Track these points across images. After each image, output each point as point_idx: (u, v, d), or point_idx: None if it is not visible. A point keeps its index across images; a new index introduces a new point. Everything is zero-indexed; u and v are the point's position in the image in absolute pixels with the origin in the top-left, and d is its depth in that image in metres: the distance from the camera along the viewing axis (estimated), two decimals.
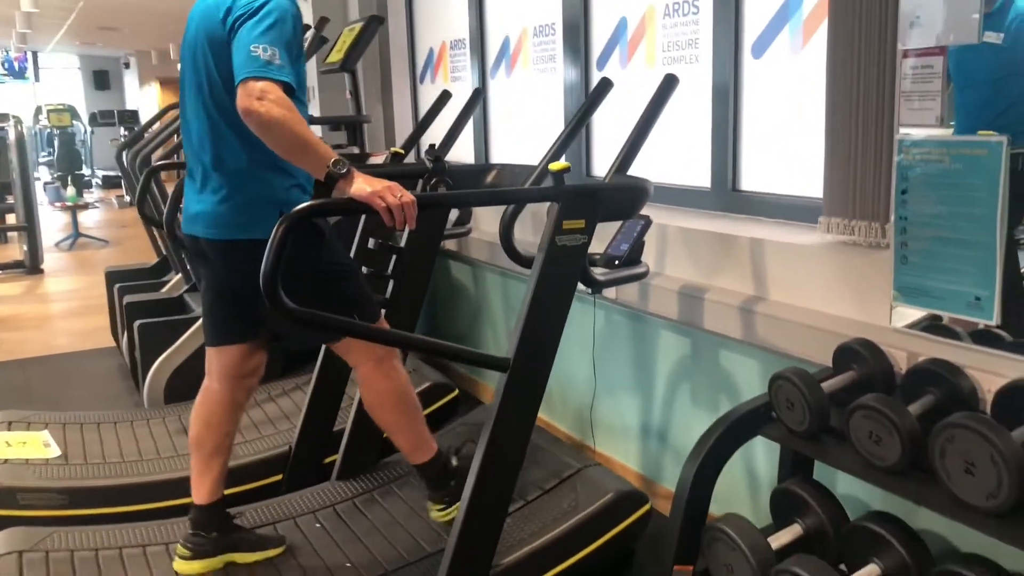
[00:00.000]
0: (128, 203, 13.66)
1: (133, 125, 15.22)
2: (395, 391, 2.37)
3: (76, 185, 10.97)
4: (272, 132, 1.93)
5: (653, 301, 2.89)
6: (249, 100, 1.90)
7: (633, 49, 3.39)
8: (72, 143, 14.08)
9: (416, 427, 2.43)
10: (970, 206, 1.89)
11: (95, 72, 19.69)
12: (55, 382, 4.93)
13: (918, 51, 1.98)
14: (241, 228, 2.16)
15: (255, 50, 1.95)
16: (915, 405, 1.87)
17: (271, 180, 2.17)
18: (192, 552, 2.30)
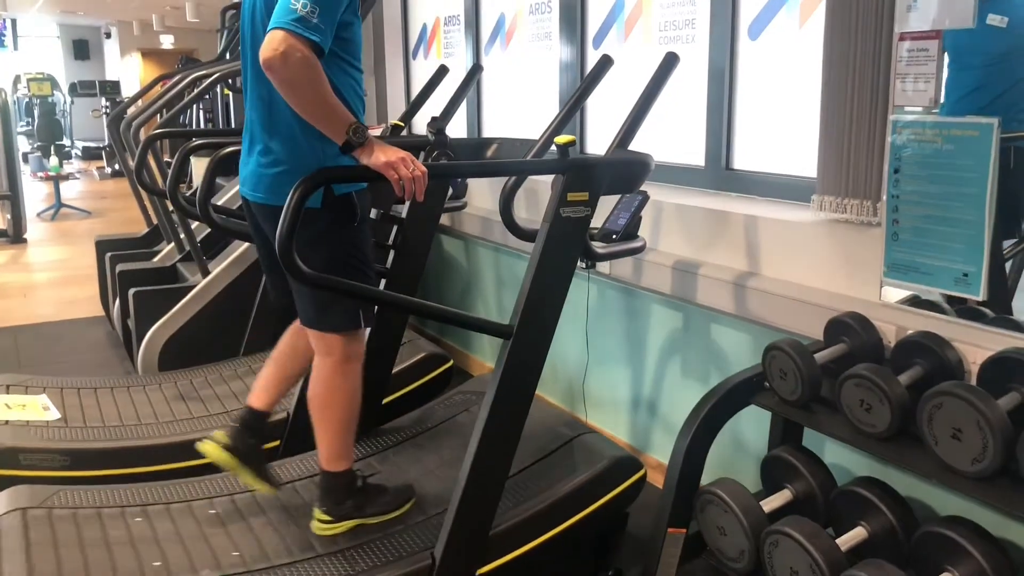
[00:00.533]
0: (109, 174, 13.58)
1: (115, 96, 15.07)
2: (348, 392, 2.34)
3: (58, 155, 10.87)
4: (291, 89, 1.92)
5: (646, 276, 2.96)
6: (272, 52, 1.87)
7: (630, 28, 3.44)
8: (52, 113, 13.95)
9: (347, 435, 2.37)
10: (960, 186, 1.97)
11: (75, 41, 19.42)
12: (45, 349, 4.94)
13: (914, 34, 2.05)
14: (282, 194, 2.17)
15: (294, 3, 1.90)
16: (904, 375, 1.95)
17: (318, 148, 2.15)
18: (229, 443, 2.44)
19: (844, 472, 2.34)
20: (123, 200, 10.67)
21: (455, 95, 3.39)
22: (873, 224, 2.28)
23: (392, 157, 1.93)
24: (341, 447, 2.37)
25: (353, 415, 2.38)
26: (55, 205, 9.89)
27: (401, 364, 3.26)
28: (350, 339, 2.31)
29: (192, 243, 4.12)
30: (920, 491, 2.17)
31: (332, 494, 2.36)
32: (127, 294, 4.06)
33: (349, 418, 2.37)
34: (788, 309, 2.43)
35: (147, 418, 3.14)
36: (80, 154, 16.61)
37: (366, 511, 2.37)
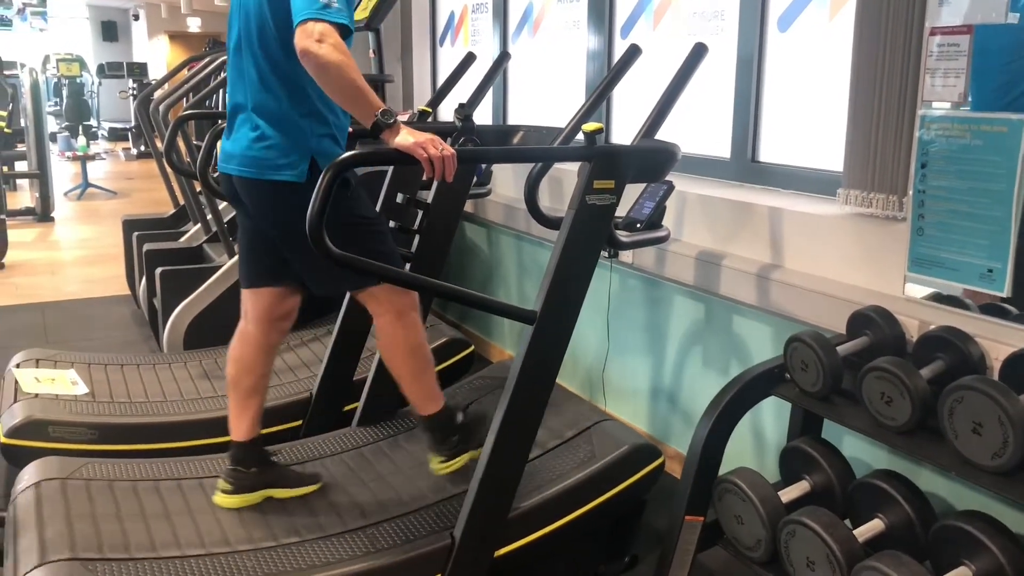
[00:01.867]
0: (135, 155, 13.70)
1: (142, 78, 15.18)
2: (412, 342, 2.42)
3: (85, 135, 10.98)
4: (328, 75, 1.97)
5: (669, 266, 2.97)
6: (308, 41, 1.94)
7: (658, 18, 3.44)
8: (81, 93, 14.07)
9: (427, 379, 2.47)
10: (988, 181, 1.97)
11: (103, 23, 19.57)
12: (71, 326, 5.02)
13: (945, 29, 2.04)
14: (271, 169, 2.23)
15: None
16: (926, 369, 1.95)
17: (306, 127, 2.23)
18: (233, 486, 2.38)
19: (862, 465, 2.35)
20: (148, 181, 10.79)
21: (482, 82, 3.41)
22: (898, 219, 2.28)
23: (420, 138, 1.96)
24: (426, 390, 2.46)
25: (424, 359, 2.45)
26: (82, 185, 10.00)
27: None
28: (393, 290, 2.35)
29: (219, 224, 4.16)
30: (938, 485, 2.18)
31: (437, 434, 2.47)
32: (154, 273, 4.12)
33: (422, 362, 2.45)
34: (810, 302, 2.44)
35: (172, 395, 3.19)
36: (107, 135, 16.76)
37: (474, 442, 2.46)
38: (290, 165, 2.22)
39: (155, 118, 4.67)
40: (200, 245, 4.61)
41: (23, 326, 4.96)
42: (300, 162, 2.23)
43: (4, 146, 8.93)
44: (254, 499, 2.38)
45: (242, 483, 2.39)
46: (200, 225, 4.72)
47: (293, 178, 2.21)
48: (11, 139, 9.60)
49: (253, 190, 2.30)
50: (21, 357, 3.37)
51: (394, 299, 2.37)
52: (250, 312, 2.48)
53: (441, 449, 2.48)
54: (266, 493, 2.41)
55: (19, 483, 2.37)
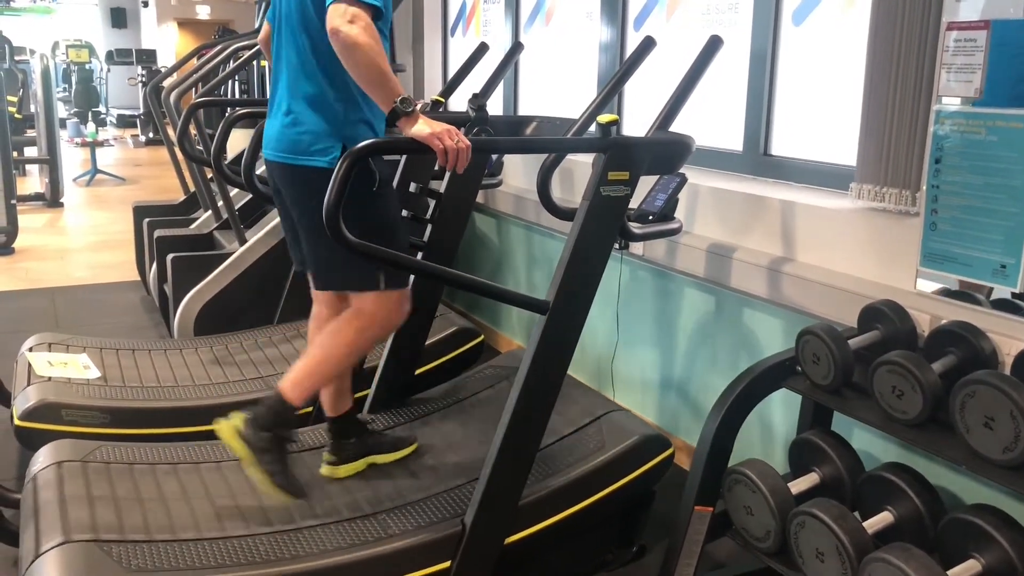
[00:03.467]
0: (143, 142, 13.72)
1: (151, 65, 15.19)
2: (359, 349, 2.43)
3: (95, 122, 11.00)
4: (354, 55, 1.99)
5: (680, 258, 2.98)
6: (339, 20, 1.97)
7: (672, 10, 3.44)
8: (90, 80, 14.09)
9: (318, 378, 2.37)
10: (1003, 177, 1.97)
11: (113, 9, 19.59)
12: (81, 311, 5.04)
13: (962, 24, 2.04)
14: (304, 154, 2.24)
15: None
16: (937, 364, 1.96)
17: (340, 112, 2.24)
18: (338, 457, 2.47)
19: (872, 458, 2.36)
20: (157, 168, 10.81)
21: (495, 73, 3.41)
22: (911, 213, 2.28)
23: (436, 128, 1.97)
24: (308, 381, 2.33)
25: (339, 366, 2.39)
26: (91, 171, 10.02)
27: (434, 336, 3.31)
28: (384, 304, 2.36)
29: (231, 211, 4.18)
30: (947, 479, 2.18)
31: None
32: (165, 259, 4.13)
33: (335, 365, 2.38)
34: (822, 295, 2.45)
35: (184, 380, 3.21)
36: (115, 121, 16.78)
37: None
38: (322, 151, 2.23)
39: (167, 106, 4.69)
40: (211, 232, 4.62)
41: (34, 311, 4.98)
42: (332, 148, 2.23)
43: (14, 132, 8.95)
44: (359, 467, 2.49)
45: (347, 453, 2.48)
46: (211, 212, 4.74)
47: (324, 164, 2.21)
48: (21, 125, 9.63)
49: (287, 174, 2.32)
50: (34, 341, 3.39)
51: (385, 310, 2.37)
52: (317, 294, 2.52)
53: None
54: (369, 460, 2.50)
55: (34, 465, 2.39)
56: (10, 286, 5.57)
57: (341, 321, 2.39)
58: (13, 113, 8.75)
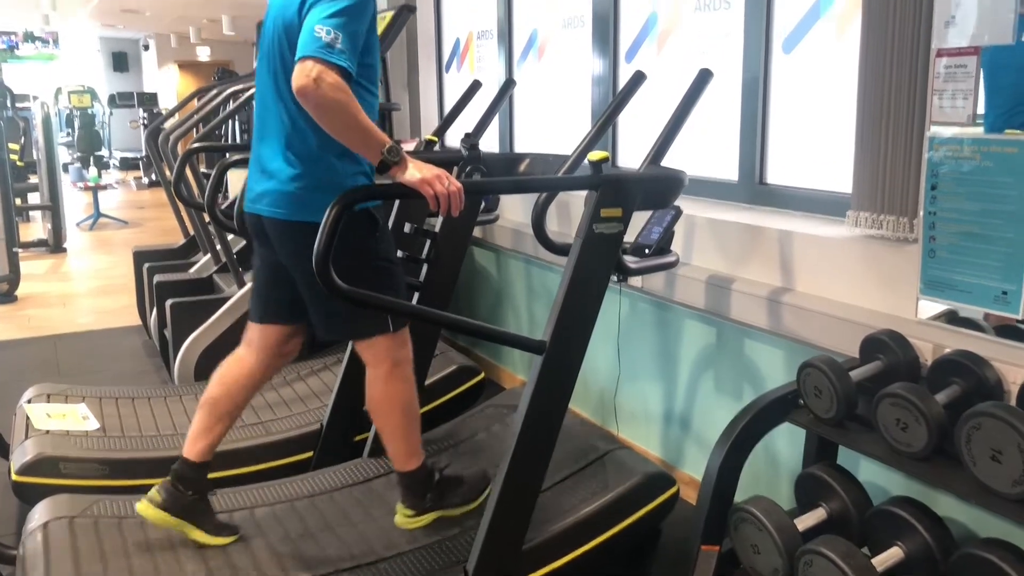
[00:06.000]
0: (146, 184, 13.79)
1: (152, 107, 15.32)
2: (405, 398, 2.40)
3: (97, 166, 11.06)
4: (327, 116, 1.97)
5: (679, 290, 2.96)
6: (305, 80, 1.93)
7: (663, 42, 3.44)
8: (92, 124, 14.21)
9: (412, 435, 2.44)
10: (1000, 203, 1.95)
11: (114, 54, 19.77)
12: (84, 358, 5.02)
13: (952, 50, 2.03)
14: (304, 210, 2.20)
15: (318, 31, 1.97)
16: (941, 395, 1.93)
17: (337, 166, 2.21)
18: (163, 502, 2.33)
19: (879, 490, 2.32)
20: (159, 210, 10.84)
21: (488, 110, 3.41)
22: (909, 240, 2.26)
23: (428, 174, 1.96)
24: (410, 447, 2.43)
25: (414, 414, 2.44)
26: (94, 215, 10.06)
27: (433, 376, 3.28)
28: (394, 342, 2.36)
29: (228, 255, 4.17)
30: (959, 512, 2.14)
31: (412, 490, 2.45)
32: (164, 305, 4.12)
33: (411, 418, 2.43)
34: (823, 325, 2.42)
35: (183, 428, 3.16)
36: (118, 164, 16.89)
37: (446, 503, 2.45)
38: (323, 206, 2.09)
39: (164, 150, 4.70)
40: (210, 276, 4.62)
41: (35, 359, 4.97)
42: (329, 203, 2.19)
43: (17, 178, 9.00)
44: (172, 524, 2.33)
45: (175, 503, 2.34)
46: (210, 255, 4.73)
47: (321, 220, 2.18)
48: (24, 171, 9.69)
49: (284, 230, 2.28)
50: (32, 392, 3.37)
51: (393, 351, 2.36)
52: (254, 342, 2.48)
53: (412, 503, 2.45)
54: (183, 526, 2.34)
55: (30, 522, 2.37)
56: (13, 334, 5.56)
57: (375, 385, 2.39)
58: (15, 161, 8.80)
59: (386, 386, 2.38)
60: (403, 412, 2.40)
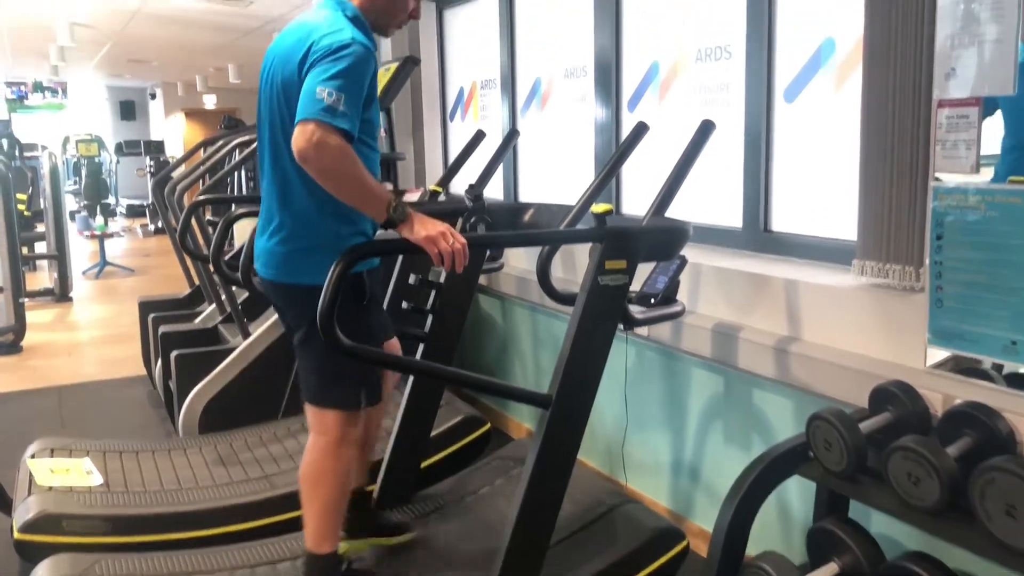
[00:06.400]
0: (152, 231, 13.86)
1: (159, 155, 15.46)
2: (338, 474, 2.34)
3: (103, 214, 11.13)
4: (329, 177, 1.97)
5: (686, 338, 2.94)
6: (306, 144, 1.92)
7: (664, 91, 3.46)
8: (99, 173, 14.31)
9: (333, 517, 2.37)
10: (1006, 253, 1.94)
11: (122, 102, 20.00)
12: (88, 409, 5.01)
13: (954, 101, 2.04)
14: (299, 272, 2.21)
15: (320, 93, 1.95)
16: (953, 447, 1.90)
17: (334, 227, 2.20)
18: None
19: (892, 543, 2.28)
20: (165, 257, 10.88)
21: (492, 160, 3.43)
22: (916, 289, 2.25)
23: (432, 231, 1.96)
24: (327, 528, 2.35)
25: (342, 497, 2.37)
26: (100, 263, 10.09)
27: (439, 427, 3.26)
28: (347, 420, 2.32)
29: (233, 305, 4.17)
30: (974, 565, 2.10)
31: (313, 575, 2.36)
32: (169, 356, 4.12)
33: (337, 499, 2.35)
34: (831, 375, 2.40)
35: (187, 482, 3.16)
36: (124, 212, 17.00)
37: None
38: (316, 269, 2.11)
39: (170, 200, 4.73)
40: (215, 326, 4.61)
41: (40, 411, 4.96)
42: (325, 266, 2.08)
43: (24, 227, 9.06)
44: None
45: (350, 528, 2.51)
46: (215, 305, 4.73)
47: (320, 282, 2.08)
48: (31, 220, 9.75)
49: (282, 292, 2.29)
50: (36, 447, 3.35)
51: (343, 427, 2.32)
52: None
53: None
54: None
55: None
56: (18, 386, 5.55)
57: (312, 453, 2.35)
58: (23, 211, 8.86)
59: (324, 459, 2.32)
60: (332, 489, 2.33)
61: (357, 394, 2.30)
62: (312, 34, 2.11)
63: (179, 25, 9.27)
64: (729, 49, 3.10)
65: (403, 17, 2.35)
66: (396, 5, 2.31)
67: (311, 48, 2.07)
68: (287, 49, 2.17)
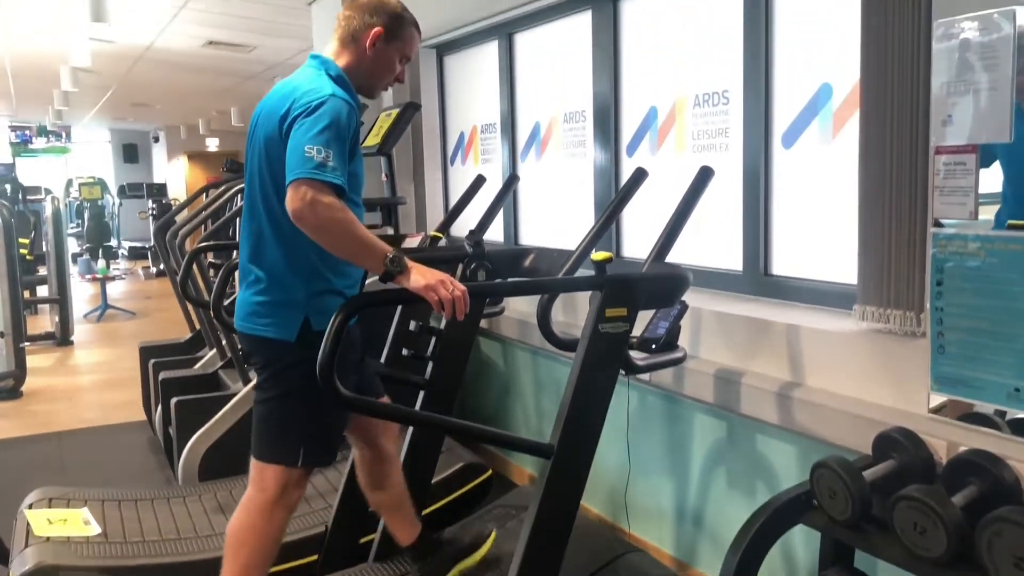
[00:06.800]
0: (154, 274, 13.89)
1: (161, 198, 15.54)
2: (267, 534, 2.31)
3: (105, 257, 11.17)
4: (325, 234, 1.99)
5: (688, 384, 2.93)
6: (301, 203, 1.95)
7: (663, 136, 3.49)
8: (102, 215, 14.37)
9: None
10: (1007, 299, 1.93)
11: (125, 145, 20.18)
12: (88, 456, 4.98)
13: (951, 148, 2.05)
14: (264, 325, 2.23)
15: (309, 151, 1.98)
16: (958, 496, 1.88)
17: (304, 283, 2.22)
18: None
19: None
20: (167, 300, 10.88)
21: (492, 205, 3.45)
22: (917, 334, 2.25)
23: (431, 280, 1.96)
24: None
25: (263, 561, 2.33)
26: (101, 306, 10.10)
27: (439, 475, 3.23)
28: (287, 477, 2.29)
29: (233, 351, 4.17)
30: None
31: None
32: (169, 403, 4.10)
33: (259, 563, 2.31)
34: (834, 421, 2.38)
35: (187, 532, 3.13)
36: (126, 254, 17.06)
37: None
38: (282, 323, 2.21)
39: (172, 245, 4.74)
40: (215, 371, 4.60)
41: (39, 458, 4.93)
42: (293, 321, 2.21)
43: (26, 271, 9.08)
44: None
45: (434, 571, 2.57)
46: (216, 351, 4.73)
47: (284, 336, 2.20)
48: (33, 264, 9.78)
49: (250, 342, 2.31)
50: (34, 497, 3.32)
51: (281, 485, 2.29)
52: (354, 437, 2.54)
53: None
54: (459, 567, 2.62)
55: None
56: (18, 432, 5.53)
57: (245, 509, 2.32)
58: (25, 255, 8.88)
59: (255, 517, 2.29)
60: (255, 552, 2.30)
61: (297, 451, 2.27)
62: (294, 92, 2.17)
63: (182, 70, 9.38)
64: (727, 94, 3.12)
65: (388, 79, 2.39)
66: (381, 68, 2.34)
67: (292, 106, 2.12)
68: (271, 106, 2.22)
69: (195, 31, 7.13)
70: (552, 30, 4.21)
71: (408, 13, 2.38)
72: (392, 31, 2.31)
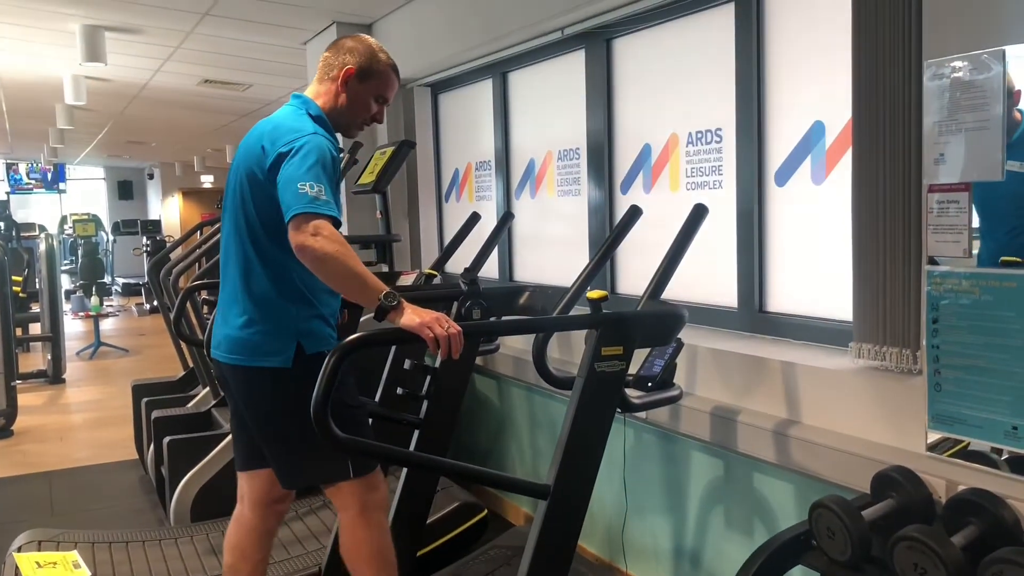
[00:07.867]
0: (147, 311, 13.84)
1: (155, 234, 15.56)
2: (375, 544, 2.33)
3: (99, 294, 11.13)
4: (326, 267, 2.01)
5: (684, 421, 2.91)
6: (303, 236, 2.00)
7: (657, 174, 3.50)
8: (96, 252, 14.38)
9: None
10: (1003, 337, 1.93)
11: (119, 182, 20.22)
12: (79, 496, 4.92)
13: (944, 186, 2.06)
14: (259, 355, 2.24)
15: (303, 187, 2.05)
16: (958, 536, 1.87)
17: (293, 311, 2.26)
18: None
19: None
20: (160, 337, 10.83)
21: (487, 243, 3.45)
22: (914, 372, 2.24)
23: (426, 318, 1.96)
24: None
25: (386, 563, 2.34)
26: (94, 344, 10.04)
27: (435, 514, 3.20)
28: (361, 486, 2.30)
29: None
30: None
31: None
32: (162, 442, 4.06)
33: (383, 567, 2.33)
34: (831, 460, 2.37)
35: (177, 574, 3.09)
36: (120, 290, 17.03)
37: None
38: (276, 351, 2.23)
39: (165, 283, 4.73)
40: (208, 410, 4.57)
41: (29, 498, 4.87)
42: (287, 347, 2.24)
43: (18, 308, 9.04)
44: None
45: None
46: (209, 389, 4.70)
47: (279, 364, 2.22)
48: (26, 301, 9.75)
49: (241, 375, 2.30)
50: (23, 539, 3.27)
51: (361, 495, 2.31)
52: (246, 496, 2.44)
53: None
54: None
55: None
56: (8, 471, 5.46)
57: (344, 531, 2.34)
58: (18, 292, 8.86)
59: (354, 533, 2.32)
60: (372, 559, 2.32)
61: (344, 463, 2.28)
62: (276, 129, 2.23)
63: (177, 108, 9.43)
64: (720, 132, 3.14)
65: (364, 118, 2.44)
66: (355, 106, 2.40)
67: (275, 142, 2.19)
68: (253, 142, 2.28)
69: (190, 70, 7.17)
70: (546, 68, 4.25)
71: (384, 54, 2.43)
72: (365, 70, 2.36)
